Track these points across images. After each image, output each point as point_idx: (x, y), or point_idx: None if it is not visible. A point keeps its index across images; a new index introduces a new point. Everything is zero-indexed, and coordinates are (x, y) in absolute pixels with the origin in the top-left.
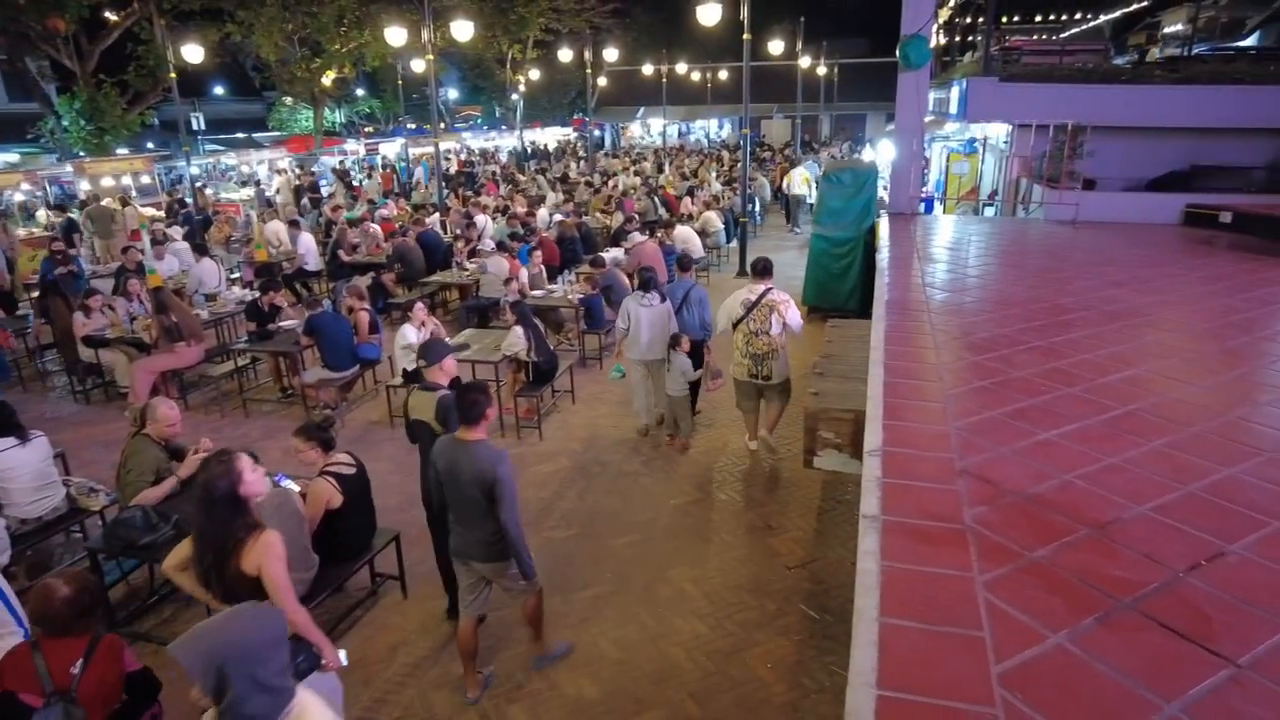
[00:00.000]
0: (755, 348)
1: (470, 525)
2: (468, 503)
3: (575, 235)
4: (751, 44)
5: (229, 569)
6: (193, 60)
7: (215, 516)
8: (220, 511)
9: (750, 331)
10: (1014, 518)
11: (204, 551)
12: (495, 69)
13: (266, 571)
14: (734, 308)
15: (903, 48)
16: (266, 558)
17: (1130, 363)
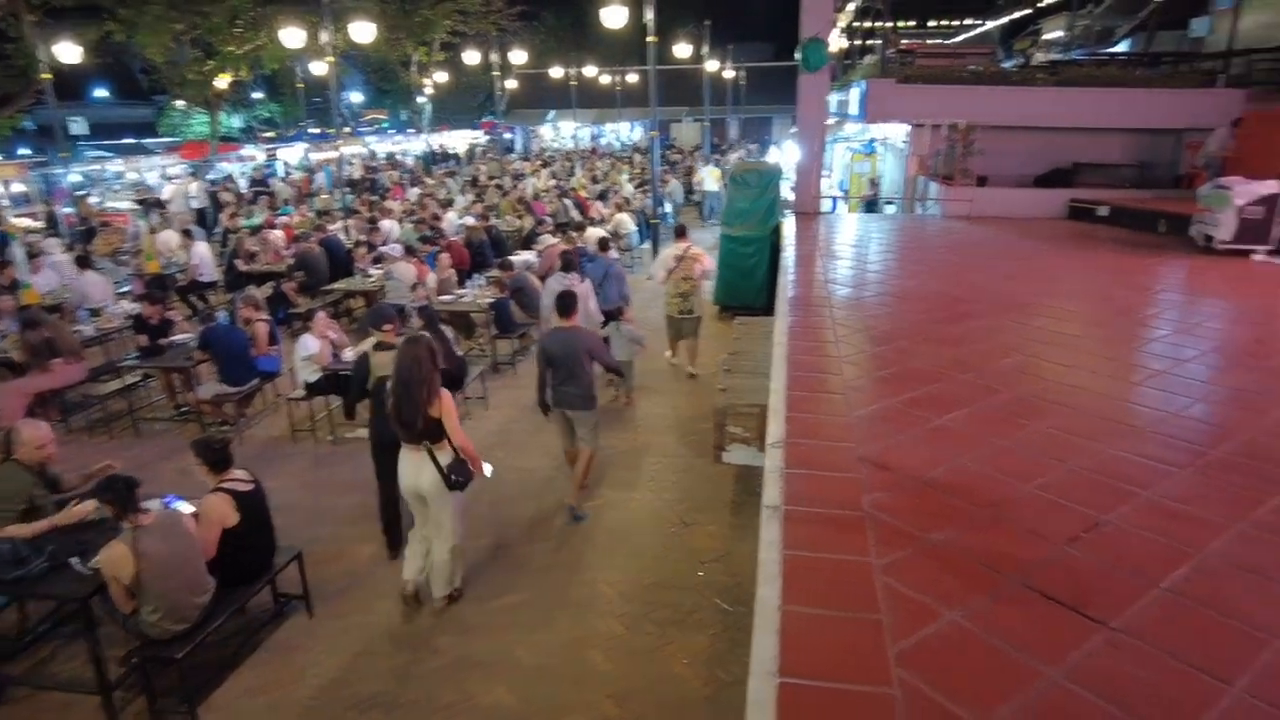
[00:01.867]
0: (682, 289)
1: (571, 382)
2: (573, 366)
3: (484, 239)
4: (657, 48)
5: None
6: (69, 60)
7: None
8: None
9: (679, 277)
10: (910, 502)
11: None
12: (400, 72)
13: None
14: (668, 260)
15: (802, 51)
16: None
17: (1019, 349)
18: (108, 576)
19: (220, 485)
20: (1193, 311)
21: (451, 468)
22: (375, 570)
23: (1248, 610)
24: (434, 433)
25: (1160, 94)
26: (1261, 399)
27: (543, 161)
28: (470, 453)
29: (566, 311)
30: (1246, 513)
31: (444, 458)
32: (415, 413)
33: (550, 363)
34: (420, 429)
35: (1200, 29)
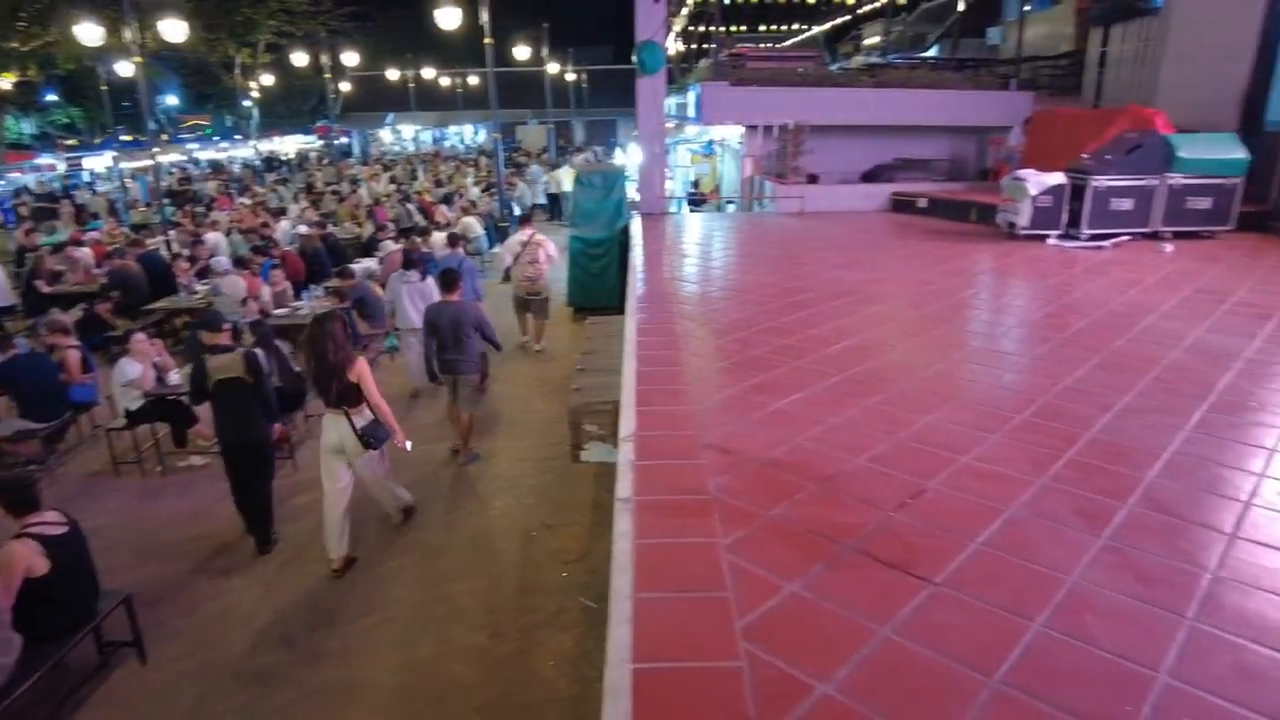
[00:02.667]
0: (529, 273)
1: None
2: (459, 334)
3: (321, 247)
4: (496, 50)
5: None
6: None
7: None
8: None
9: (526, 261)
10: (753, 483)
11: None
12: (222, 74)
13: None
14: (514, 246)
15: (638, 54)
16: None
17: (849, 334)
18: None
19: (25, 530)
20: (1000, 291)
21: (366, 429)
22: (214, 605)
23: (1047, 554)
24: (351, 397)
25: (966, 95)
26: (1057, 367)
27: (383, 166)
28: (388, 416)
29: (450, 287)
30: (1045, 468)
31: (360, 420)
32: (330, 379)
33: (435, 333)
34: (337, 394)
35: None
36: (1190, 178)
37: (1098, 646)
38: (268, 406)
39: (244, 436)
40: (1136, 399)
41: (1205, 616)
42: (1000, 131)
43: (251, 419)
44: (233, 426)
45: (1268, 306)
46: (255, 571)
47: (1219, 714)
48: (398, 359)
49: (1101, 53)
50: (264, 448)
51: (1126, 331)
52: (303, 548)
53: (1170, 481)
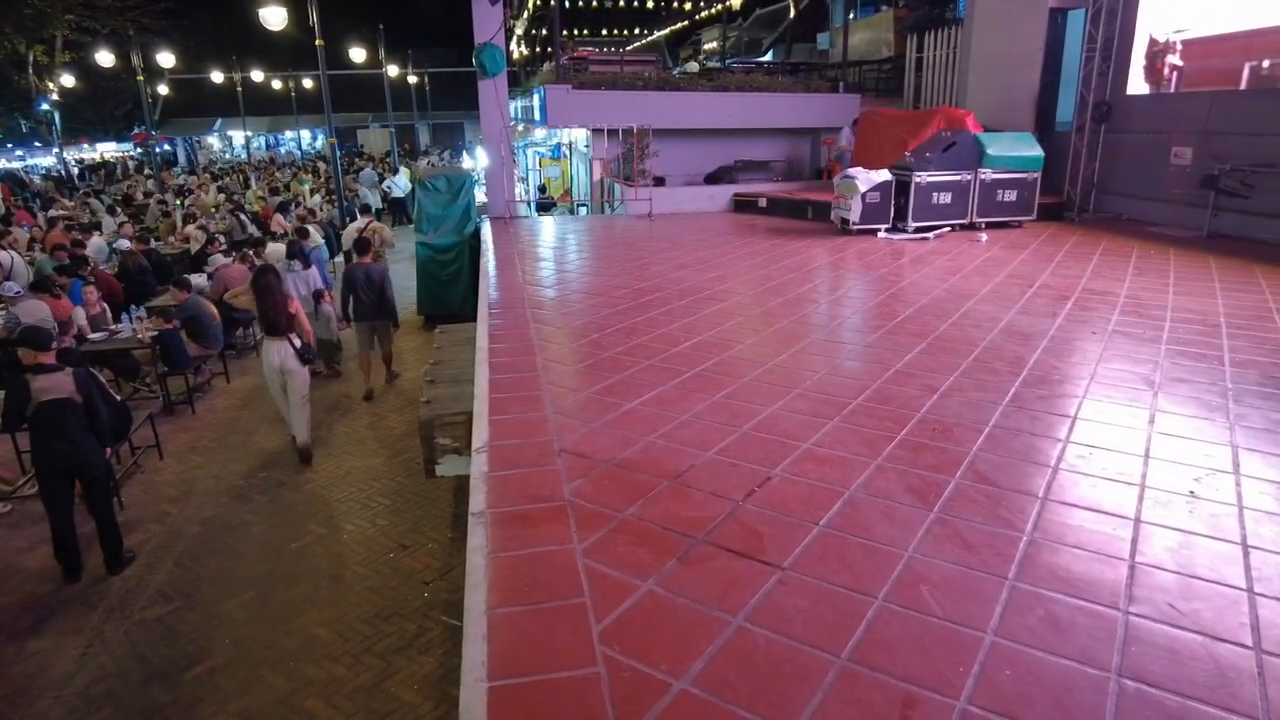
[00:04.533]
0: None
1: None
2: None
3: (144, 264)
4: (330, 51)
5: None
6: None
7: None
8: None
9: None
10: (606, 485)
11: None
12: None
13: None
14: (352, 233)
15: (477, 56)
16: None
17: (695, 332)
18: None
19: None
20: (835, 284)
21: (303, 349)
22: (20, 670)
23: (883, 532)
24: (289, 326)
25: (800, 98)
26: (887, 354)
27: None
28: (310, 335)
29: (364, 250)
30: (879, 450)
31: (296, 343)
32: (277, 313)
33: (353, 288)
34: (283, 326)
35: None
36: (999, 172)
37: (933, 615)
38: (99, 427)
39: (77, 458)
40: (959, 379)
41: (1022, 575)
42: (832, 132)
43: (84, 439)
44: (62, 451)
45: (1065, 289)
46: (70, 627)
47: (1034, 664)
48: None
49: (917, 58)
50: (98, 467)
51: (949, 317)
52: (133, 592)
53: (990, 454)
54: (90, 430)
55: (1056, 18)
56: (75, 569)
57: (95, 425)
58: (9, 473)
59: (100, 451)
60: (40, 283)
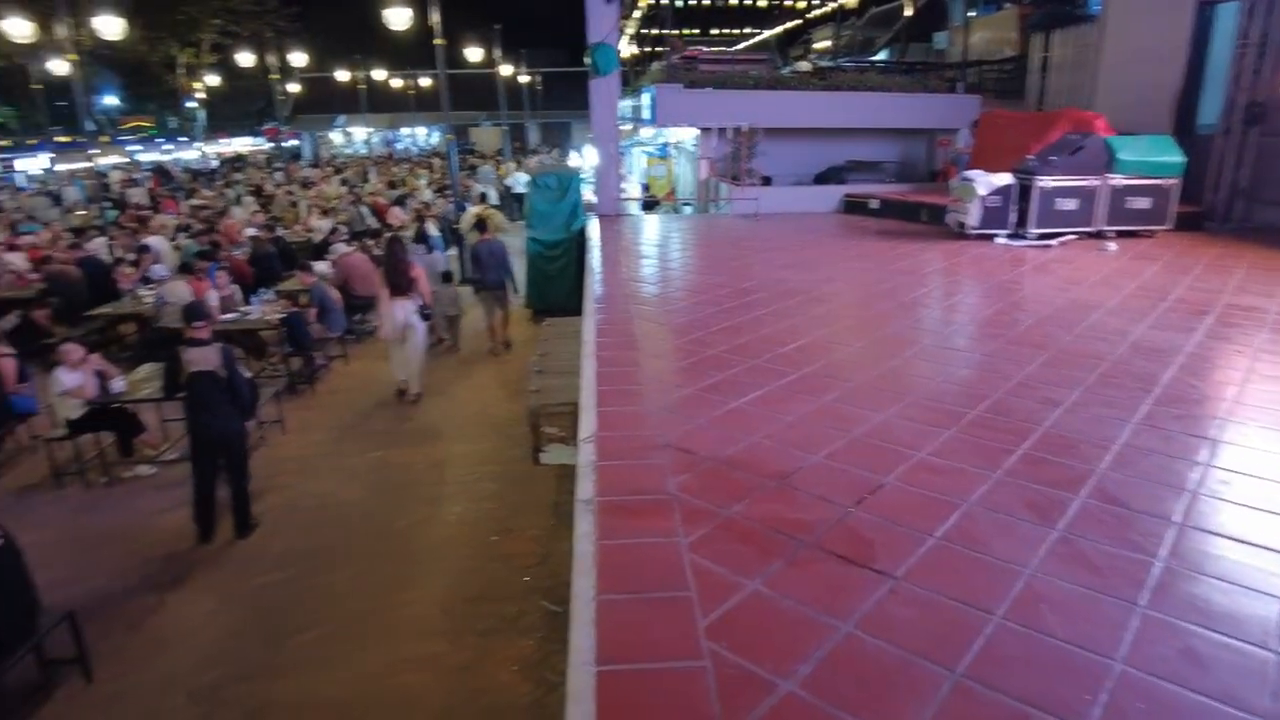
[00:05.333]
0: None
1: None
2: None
3: (271, 250)
4: (448, 51)
5: None
6: None
7: None
8: None
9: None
10: (710, 481)
11: None
12: (164, 75)
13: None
14: (471, 218)
15: (590, 55)
16: None
17: (802, 333)
18: None
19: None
20: (949, 290)
21: (422, 307)
22: (157, 620)
23: (1001, 548)
24: (412, 287)
25: (915, 98)
26: (1006, 364)
27: (334, 168)
28: (429, 297)
29: (483, 229)
30: (997, 463)
31: (418, 301)
32: (403, 277)
33: (478, 260)
34: (406, 286)
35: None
36: (1130, 178)
37: (1054, 636)
38: (240, 400)
39: (218, 428)
40: (1084, 394)
41: (1156, 604)
42: (948, 133)
43: (226, 411)
44: (207, 423)
45: (1203, 303)
46: (202, 584)
47: (1170, 699)
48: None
49: (1043, 58)
50: (238, 438)
51: (1073, 329)
52: (254, 558)
53: (1119, 474)
54: (232, 403)
55: (1204, 11)
56: (209, 532)
57: (236, 398)
58: (154, 439)
59: (240, 423)
60: (184, 265)
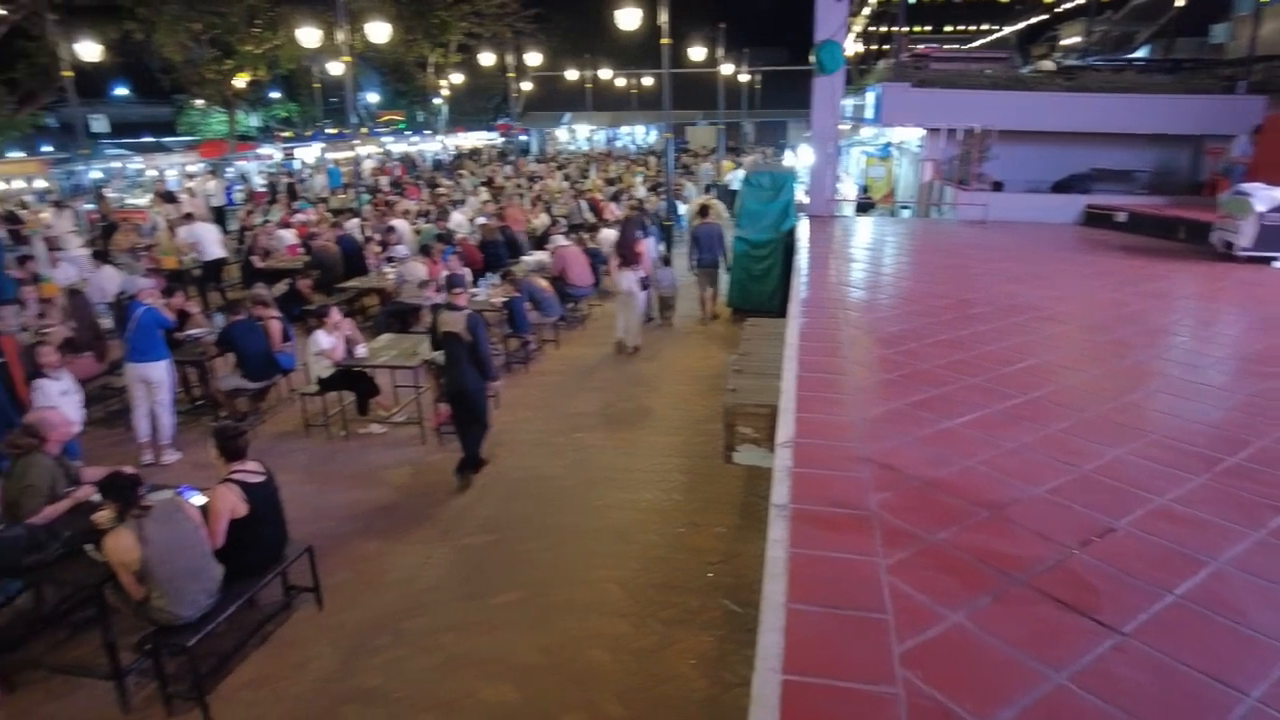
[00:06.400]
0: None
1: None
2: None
3: (498, 239)
4: (672, 50)
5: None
6: (90, 58)
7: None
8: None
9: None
10: (915, 502)
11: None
12: (416, 73)
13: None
14: (696, 205)
15: (816, 53)
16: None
17: (1029, 354)
18: (114, 564)
19: (230, 476)
20: (1209, 318)
21: (643, 279)
22: (376, 564)
23: (1259, 618)
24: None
25: (1180, 100)
26: (1276, 408)
27: (557, 164)
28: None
29: (705, 213)
30: (1261, 521)
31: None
32: (630, 250)
33: (697, 241)
34: (632, 258)
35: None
36: None
37: None
38: (480, 363)
39: (458, 382)
40: None
41: None
42: (1220, 140)
43: (467, 370)
44: (452, 378)
45: None
46: (414, 537)
47: None
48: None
49: None
50: (476, 394)
51: None
52: (462, 519)
53: None
54: (473, 363)
55: None
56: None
57: (477, 359)
58: (386, 402)
59: (479, 382)
60: (423, 247)
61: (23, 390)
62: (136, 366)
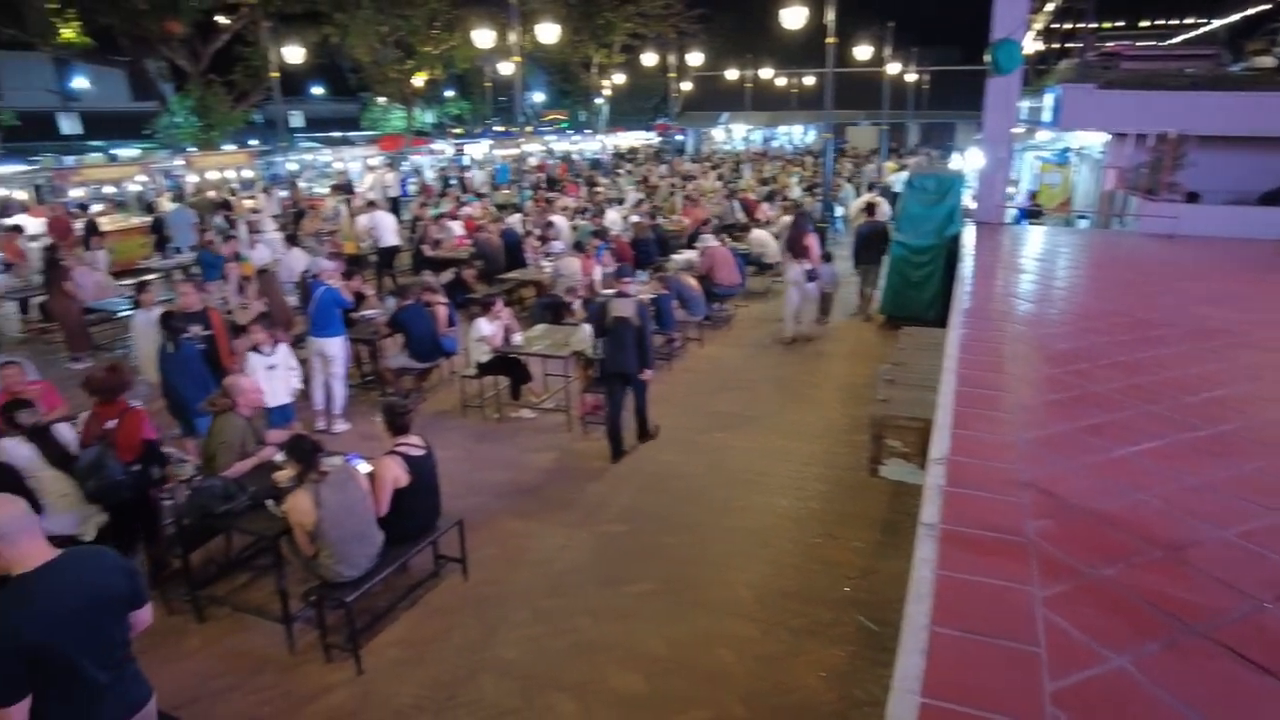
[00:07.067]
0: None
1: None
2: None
3: (650, 237)
4: (837, 49)
5: None
6: (293, 61)
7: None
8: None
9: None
10: (1079, 534)
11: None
12: (581, 73)
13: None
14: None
15: (992, 52)
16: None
17: (1220, 383)
18: (293, 522)
19: (395, 448)
20: None
21: (809, 271)
22: (520, 543)
23: None
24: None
25: None
26: None
27: (711, 164)
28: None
29: (872, 211)
30: None
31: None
32: (799, 244)
33: (861, 238)
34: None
35: None
36: None
37: None
38: (642, 349)
39: (620, 364)
40: None
41: None
42: None
43: (630, 354)
44: (615, 359)
45: None
46: (556, 520)
47: None
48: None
49: None
50: (634, 377)
51: None
52: (602, 507)
53: None
54: (636, 347)
55: None
56: (619, 451)
57: (641, 345)
58: (538, 389)
59: (637, 365)
60: (578, 244)
61: (228, 360)
62: (316, 341)
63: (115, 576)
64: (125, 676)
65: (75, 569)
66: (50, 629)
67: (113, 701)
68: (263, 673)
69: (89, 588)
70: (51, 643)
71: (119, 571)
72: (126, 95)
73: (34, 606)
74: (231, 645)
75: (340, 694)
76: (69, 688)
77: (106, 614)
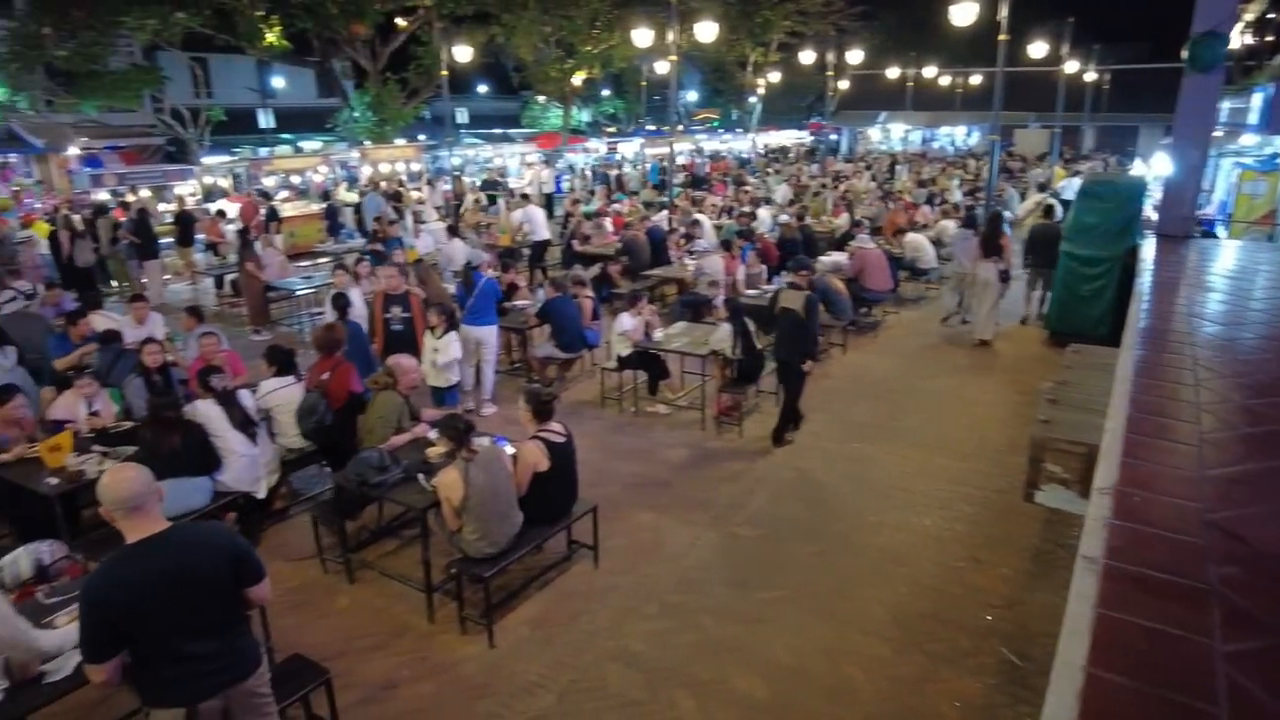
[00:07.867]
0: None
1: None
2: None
3: (797, 237)
4: (1009, 47)
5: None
6: (461, 60)
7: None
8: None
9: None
10: (1272, 585)
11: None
12: (735, 72)
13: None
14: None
15: (1191, 47)
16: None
17: None
18: (441, 496)
19: (538, 434)
20: None
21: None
22: (650, 536)
23: None
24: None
25: None
26: None
27: (865, 164)
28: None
29: (1049, 214)
30: None
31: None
32: (993, 243)
33: (1034, 241)
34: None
35: None
36: None
37: None
38: (805, 340)
39: (781, 354)
40: None
41: None
42: None
43: (792, 343)
44: (782, 346)
45: None
46: (687, 517)
47: None
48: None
49: None
50: (793, 367)
51: None
52: (733, 508)
53: None
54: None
55: None
56: (779, 438)
57: (805, 338)
58: (674, 385)
59: (798, 358)
60: (723, 243)
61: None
62: (472, 328)
63: (213, 555)
64: (228, 649)
65: (173, 546)
66: (136, 600)
67: (211, 672)
68: (403, 637)
69: (181, 565)
70: (137, 612)
71: (220, 552)
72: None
73: (126, 576)
74: (378, 607)
75: (471, 665)
76: (160, 654)
77: (200, 591)
